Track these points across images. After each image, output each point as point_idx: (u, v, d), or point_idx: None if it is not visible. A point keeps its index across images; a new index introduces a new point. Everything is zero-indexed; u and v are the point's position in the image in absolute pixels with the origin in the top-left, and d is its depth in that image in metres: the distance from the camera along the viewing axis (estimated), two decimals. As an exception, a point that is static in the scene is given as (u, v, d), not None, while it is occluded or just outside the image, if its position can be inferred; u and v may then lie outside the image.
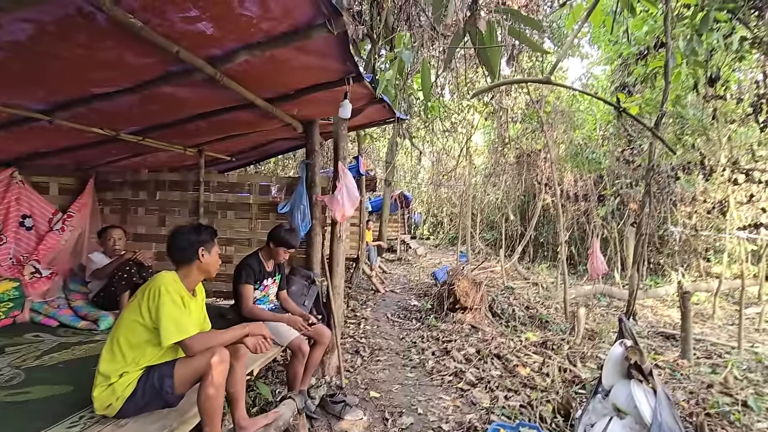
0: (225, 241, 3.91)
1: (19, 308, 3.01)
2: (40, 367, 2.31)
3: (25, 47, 1.85)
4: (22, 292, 3.06)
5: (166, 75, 2.35)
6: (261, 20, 1.99)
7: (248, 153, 4.90)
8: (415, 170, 21.09)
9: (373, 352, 4.46)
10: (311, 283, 3.54)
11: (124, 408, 1.73)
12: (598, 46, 9.81)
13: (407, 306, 6.71)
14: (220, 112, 3.05)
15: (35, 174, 3.60)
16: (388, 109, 3.69)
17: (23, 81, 2.17)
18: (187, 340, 1.78)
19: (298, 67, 2.57)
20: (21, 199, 3.37)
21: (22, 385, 2.08)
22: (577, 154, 10.52)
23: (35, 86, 2.24)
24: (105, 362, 1.76)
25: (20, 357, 2.42)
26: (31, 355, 2.45)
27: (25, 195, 3.41)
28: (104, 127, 2.88)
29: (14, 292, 2.99)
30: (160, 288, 1.78)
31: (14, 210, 3.29)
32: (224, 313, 3.30)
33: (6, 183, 3.26)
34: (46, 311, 3.10)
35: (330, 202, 3.60)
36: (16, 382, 2.10)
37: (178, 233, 2.00)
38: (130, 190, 4.05)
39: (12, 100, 2.35)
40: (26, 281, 3.14)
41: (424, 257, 13.47)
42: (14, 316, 2.98)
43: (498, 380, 3.69)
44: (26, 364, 2.33)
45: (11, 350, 2.51)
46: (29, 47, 1.85)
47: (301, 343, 2.80)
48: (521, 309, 6.20)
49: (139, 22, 1.77)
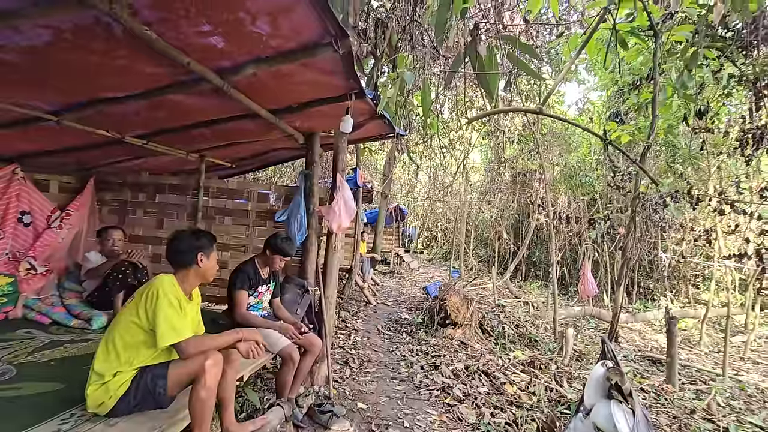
0: (221, 247, 3.95)
1: (12, 304, 3.02)
2: (32, 364, 2.32)
3: (40, 52, 1.92)
4: (17, 288, 3.08)
5: (176, 84, 2.43)
6: (271, 37, 2.08)
7: (249, 160, 4.97)
8: (412, 184, 21.26)
9: (363, 364, 4.47)
10: (304, 292, 3.58)
11: (117, 407, 1.76)
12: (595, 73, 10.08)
13: (398, 319, 6.73)
14: (225, 121, 3.13)
15: (37, 171, 3.65)
16: (388, 125, 3.79)
17: (35, 83, 2.23)
18: (183, 342, 1.82)
19: (304, 82, 2.66)
20: (21, 195, 3.40)
21: (13, 380, 2.10)
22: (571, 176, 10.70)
23: (46, 88, 2.31)
24: (100, 361, 1.79)
25: (12, 353, 2.43)
26: (23, 352, 2.46)
27: (26, 191, 3.45)
28: (110, 130, 2.94)
29: (8, 287, 3.01)
30: (158, 290, 1.82)
31: (14, 206, 3.32)
32: (216, 318, 3.33)
33: (8, 179, 3.30)
34: (40, 308, 3.11)
35: (327, 212, 3.66)
36: (7, 378, 2.12)
37: (178, 237, 2.05)
38: (129, 191, 4.09)
39: (22, 100, 2.41)
40: (21, 277, 3.16)
41: (416, 271, 13.49)
42: (7, 311, 2.99)
43: (485, 397, 3.72)
44: (18, 360, 2.35)
45: (3, 345, 2.52)
46: (45, 52, 1.92)
47: (291, 351, 2.83)
48: (511, 327, 6.25)
49: (154, 34, 1.85)
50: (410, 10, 4.29)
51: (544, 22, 6.52)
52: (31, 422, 1.71)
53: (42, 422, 1.72)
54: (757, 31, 3.28)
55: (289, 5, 1.77)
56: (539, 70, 7.73)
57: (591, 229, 7.75)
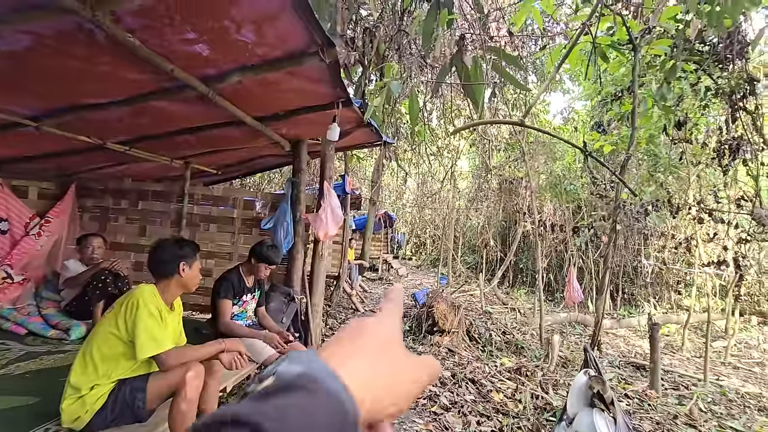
0: (206, 255, 3.90)
1: (-14, 315, 2.93)
2: (6, 377, 2.25)
3: (20, 57, 1.89)
4: (-9, 298, 2.98)
5: (159, 90, 2.41)
6: (256, 46, 2.08)
7: (235, 167, 4.93)
8: (401, 191, 21.33)
9: (349, 373, 4.43)
10: (290, 300, 3.55)
11: (93, 421, 1.70)
12: (579, 83, 10.29)
13: (386, 326, 6.69)
14: (210, 128, 3.10)
15: (15, 177, 3.56)
16: (375, 132, 3.80)
17: (13, 87, 2.19)
18: (163, 354, 1.78)
19: (290, 90, 2.66)
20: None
21: (-15, 395, 2.02)
22: (556, 184, 10.86)
23: (25, 93, 2.27)
24: (76, 374, 1.74)
25: (-16, 365, 2.35)
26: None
27: (2, 198, 3.35)
28: (91, 136, 2.89)
29: (-18, 297, 2.91)
30: (138, 301, 1.78)
31: (-11, 213, 3.23)
32: (200, 327, 3.27)
33: (-17, 186, 3.21)
34: (15, 318, 3.01)
35: (314, 220, 3.65)
36: (-22, 392, 2.04)
37: (159, 246, 2.01)
38: (111, 198, 4.02)
39: (2, 105, 2.36)
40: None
41: (405, 278, 13.48)
42: (-20, 322, 2.89)
43: (471, 405, 3.72)
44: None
45: (-25, 358, 2.44)
46: (24, 57, 1.89)
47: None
48: (498, 334, 6.27)
49: (138, 41, 1.84)
50: (398, 20, 4.34)
51: (529, 34, 6.66)
52: (2, 439, 1.65)
53: (13, 439, 1.66)
54: (732, 45, 3.40)
55: (274, 14, 1.78)
56: (525, 80, 7.87)
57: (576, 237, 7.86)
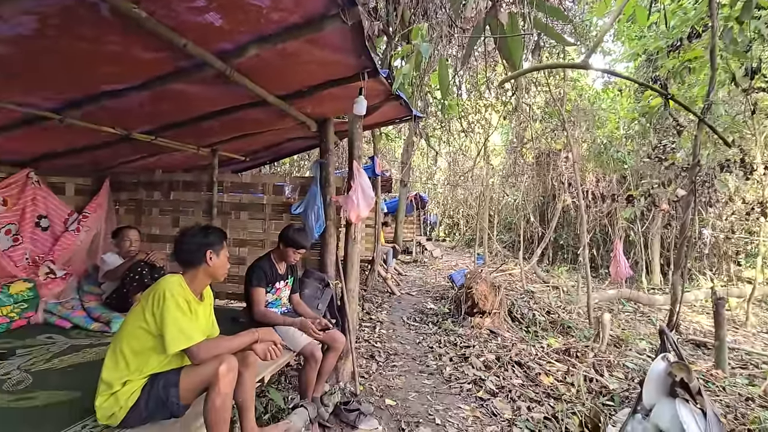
0: (239, 243, 3.85)
1: (33, 309, 2.99)
2: (49, 371, 2.26)
3: (30, 41, 1.79)
4: (37, 292, 3.04)
5: (176, 71, 2.28)
6: (271, 10, 1.89)
7: (262, 153, 4.84)
8: (432, 171, 20.89)
9: (389, 357, 4.32)
10: (325, 285, 3.44)
11: (128, 418, 1.65)
12: (622, 42, 9.46)
13: (423, 309, 6.55)
14: (233, 111, 2.98)
15: (52, 174, 3.61)
16: (404, 106, 3.57)
17: (29, 78, 2.12)
18: (193, 347, 1.69)
19: (311, 62, 2.47)
20: (37, 199, 3.37)
21: (28, 389, 2.03)
22: (600, 153, 10.17)
23: (42, 83, 2.20)
24: (108, 370, 1.68)
25: (30, 360, 2.38)
26: (41, 358, 2.41)
27: (41, 195, 3.41)
28: (116, 126, 2.83)
29: (29, 293, 2.98)
30: (164, 293, 1.69)
31: (30, 210, 3.29)
32: (237, 316, 3.23)
33: (22, 184, 3.27)
34: (60, 312, 3.07)
35: (344, 202, 3.49)
36: (23, 387, 2.05)
37: (185, 235, 1.91)
38: (144, 190, 4.03)
39: (22, 98, 2.31)
40: (41, 282, 3.13)
41: (440, 259, 13.27)
42: (28, 317, 2.96)
43: (520, 389, 3.52)
44: (35, 367, 2.29)
45: (22, 352, 2.47)
46: (34, 41, 1.79)
47: (314, 348, 2.70)
48: (542, 314, 5.98)
49: (144, 13, 1.69)
50: (423, -19, 4.02)
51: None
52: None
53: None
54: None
55: (286, -32, 1.57)
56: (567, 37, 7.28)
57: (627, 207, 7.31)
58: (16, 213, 3.23)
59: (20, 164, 3.31)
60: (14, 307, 2.84)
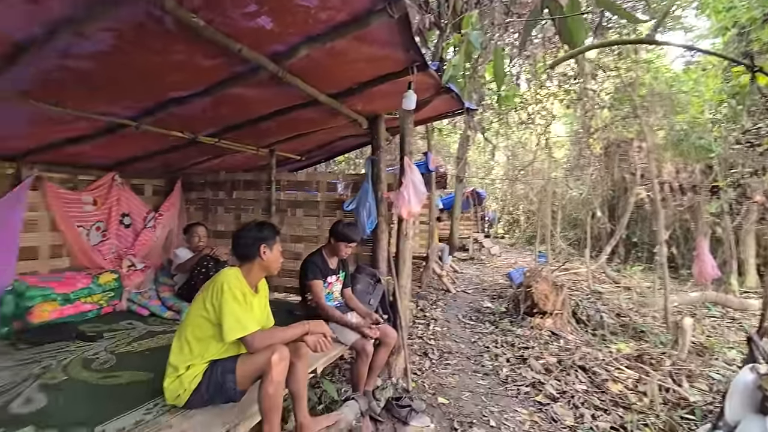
0: (295, 239, 4.00)
1: (118, 298, 3.36)
2: (130, 353, 2.51)
3: (109, 56, 1.98)
4: (121, 283, 3.40)
5: (233, 76, 2.42)
6: (319, 10, 1.93)
7: (316, 152, 4.99)
8: (489, 166, 20.24)
9: (443, 355, 4.26)
10: (377, 281, 3.46)
11: (191, 399, 1.78)
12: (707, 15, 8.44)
13: (480, 308, 6.38)
14: (287, 111, 3.10)
15: (132, 177, 4.02)
16: (456, 99, 3.47)
17: (112, 89, 2.36)
18: (248, 336, 1.78)
19: (360, 59, 2.49)
20: (121, 199, 3.77)
21: (113, 369, 2.27)
22: (680, 141, 9.18)
23: (122, 94, 2.44)
24: (174, 354, 1.83)
25: (115, 342, 2.67)
26: (123, 341, 2.69)
27: (125, 196, 3.81)
28: (184, 131, 3.07)
29: (114, 283, 3.34)
30: (222, 285, 1.80)
31: (115, 210, 3.69)
32: (293, 309, 3.36)
33: (108, 186, 3.67)
34: (140, 301, 3.41)
35: (396, 198, 3.48)
36: (108, 366, 2.31)
37: (241, 231, 2.03)
38: (210, 190, 4.33)
39: (105, 108, 2.58)
40: (124, 273, 3.50)
41: (498, 257, 12.83)
42: (114, 304, 3.32)
43: (583, 396, 3.29)
44: (119, 349, 2.56)
45: (108, 336, 2.78)
46: (112, 56, 1.98)
47: (365, 343, 2.73)
48: (611, 316, 5.55)
49: (202, 21, 1.80)
50: (475, -32, 3.88)
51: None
52: (122, 410, 1.81)
53: (130, 410, 1.81)
54: None
55: (330, -34, 1.59)
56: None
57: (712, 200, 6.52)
58: (104, 212, 3.64)
59: (106, 168, 3.72)
60: (103, 296, 3.20)
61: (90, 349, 2.53)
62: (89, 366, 2.28)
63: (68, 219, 3.37)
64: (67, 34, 1.74)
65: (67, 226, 3.36)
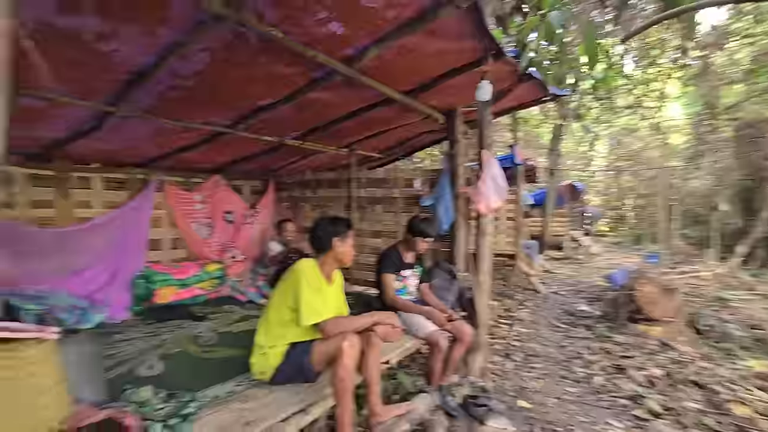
0: (374, 234, 4.14)
1: (222, 285, 3.84)
2: (229, 333, 2.86)
3: (205, 73, 2.27)
4: (224, 272, 3.89)
5: (311, 82, 2.59)
6: (386, 8, 1.98)
7: (395, 149, 5.07)
8: (588, 156, 18.47)
9: (527, 358, 4.03)
10: (453, 277, 3.42)
11: (274, 376, 1.97)
12: None
13: (573, 311, 5.88)
14: (363, 111, 3.22)
15: (233, 178, 4.54)
16: (540, 86, 3.26)
17: (211, 102, 2.70)
18: (321, 323, 1.92)
19: (431, 55, 2.48)
20: (224, 198, 4.30)
21: (215, 345, 2.62)
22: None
23: (220, 105, 2.77)
24: (259, 334, 2.04)
25: (217, 323, 3.06)
26: (224, 323, 3.08)
27: (228, 195, 4.34)
28: (272, 135, 3.37)
29: (219, 272, 3.83)
30: (298, 274, 1.96)
31: (220, 207, 4.22)
32: (370, 302, 3.48)
33: (214, 186, 4.21)
34: (239, 288, 3.86)
35: (474, 193, 3.39)
36: (211, 343, 2.66)
37: (317, 224, 2.17)
38: (298, 188, 4.70)
39: (207, 119, 2.96)
40: (227, 264, 3.99)
41: (598, 256, 11.66)
42: (219, 290, 3.82)
43: (696, 415, 2.86)
44: (220, 329, 2.94)
45: (213, 317, 3.20)
46: (208, 73, 2.27)
47: (439, 337, 2.72)
48: (741, 328, 4.70)
49: (280, 33, 1.97)
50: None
51: None
52: (218, 380, 2.08)
53: (225, 381, 2.07)
54: None
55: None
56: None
57: None
58: (211, 209, 4.18)
59: (212, 171, 4.27)
60: (210, 282, 3.70)
61: (197, 327, 2.94)
62: (196, 342, 2.66)
63: (184, 216, 3.96)
64: (173, 57, 2.05)
65: (183, 222, 3.95)
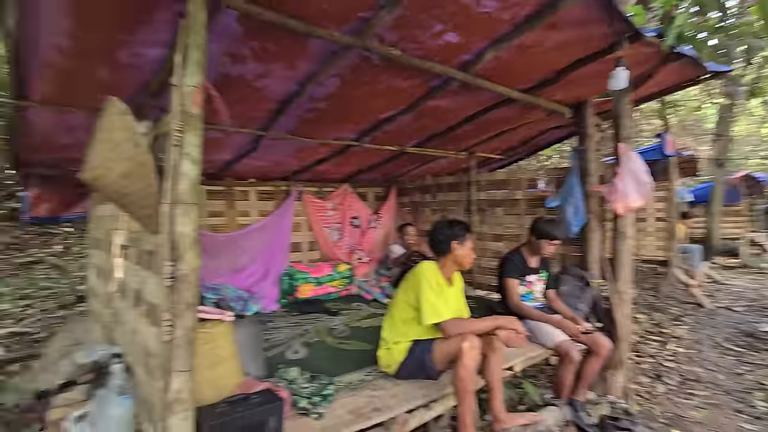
0: (495, 237, 4.04)
1: (351, 284, 4.23)
2: (358, 328, 3.14)
3: (337, 95, 2.57)
4: (352, 272, 4.27)
5: (429, 91, 2.70)
6: (501, 11, 1.97)
7: (518, 149, 4.86)
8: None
9: (685, 383, 3.44)
10: (586, 285, 3.13)
11: (399, 370, 2.10)
12: None
13: (752, 331, 4.78)
14: (481, 113, 3.20)
15: (359, 186, 4.95)
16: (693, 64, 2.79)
17: (341, 119, 3.01)
18: (442, 322, 1.98)
19: (553, 47, 2.37)
20: (352, 205, 4.72)
21: (347, 338, 2.91)
22: None
23: (348, 121, 3.08)
24: (385, 330, 2.20)
25: (349, 318, 3.38)
26: (354, 318, 3.38)
27: (354, 202, 4.74)
28: (394, 144, 3.59)
29: (348, 272, 4.22)
30: (420, 276, 2.06)
31: (348, 213, 4.65)
32: (494, 307, 3.41)
33: (343, 194, 4.66)
34: (365, 287, 4.19)
35: (609, 191, 3.06)
36: (344, 336, 2.96)
37: (435, 228, 2.25)
38: (419, 193, 4.86)
39: (337, 134, 3.31)
40: (354, 265, 4.37)
41: (790, 265, 9.18)
42: (348, 289, 4.21)
43: None
44: (351, 323, 3.24)
45: (344, 313, 3.55)
46: (339, 95, 2.55)
47: (570, 348, 2.53)
48: None
49: (399, 51, 2.12)
50: None
51: None
52: (350, 369, 2.30)
53: (356, 371, 2.28)
54: None
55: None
56: None
57: None
58: (340, 215, 4.63)
59: (341, 181, 4.73)
60: (341, 281, 4.11)
61: (332, 321, 3.29)
62: (331, 333, 2.98)
63: (318, 222, 4.48)
64: (311, 85, 2.37)
65: (318, 227, 4.47)
